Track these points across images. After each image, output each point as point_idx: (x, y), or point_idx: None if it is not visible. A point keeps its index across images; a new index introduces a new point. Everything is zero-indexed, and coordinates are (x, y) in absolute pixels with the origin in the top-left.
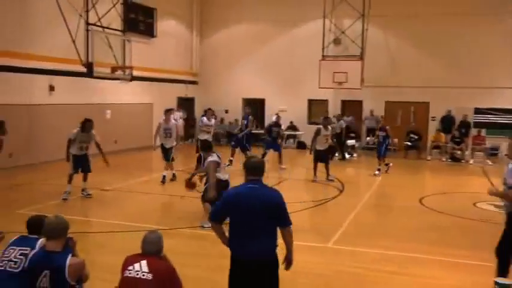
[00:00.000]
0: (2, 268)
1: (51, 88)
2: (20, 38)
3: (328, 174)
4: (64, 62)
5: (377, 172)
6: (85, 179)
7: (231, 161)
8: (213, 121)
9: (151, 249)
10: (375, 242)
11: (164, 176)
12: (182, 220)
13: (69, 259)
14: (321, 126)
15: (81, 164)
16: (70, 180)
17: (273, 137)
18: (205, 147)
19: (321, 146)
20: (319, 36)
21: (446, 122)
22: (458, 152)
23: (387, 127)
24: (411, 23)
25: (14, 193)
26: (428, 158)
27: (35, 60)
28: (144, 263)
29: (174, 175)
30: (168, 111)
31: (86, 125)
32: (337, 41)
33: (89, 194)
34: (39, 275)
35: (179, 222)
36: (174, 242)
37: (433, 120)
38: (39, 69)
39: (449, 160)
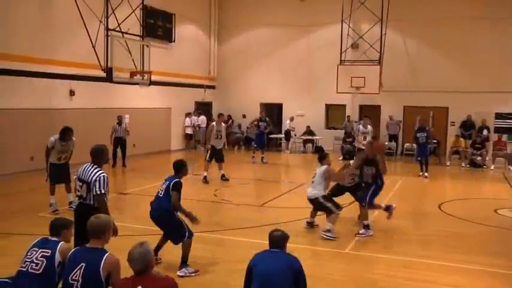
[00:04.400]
0: (25, 270)
1: (72, 93)
2: (42, 44)
3: None
4: (84, 67)
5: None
6: (68, 190)
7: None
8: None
9: (140, 267)
10: (393, 248)
11: (206, 177)
12: (199, 224)
13: (107, 254)
14: None
15: (58, 173)
16: (52, 192)
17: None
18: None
19: None
20: (337, 40)
21: (466, 127)
22: (479, 158)
23: (427, 128)
24: (430, 27)
25: (35, 196)
26: (448, 163)
27: (56, 65)
28: None
29: (224, 175)
30: (220, 115)
31: (66, 134)
32: (355, 46)
33: (72, 208)
34: (74, 267)
35: (196, 226)
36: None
37: (453, 125)
38: (60, 74)
39: (469, 166)
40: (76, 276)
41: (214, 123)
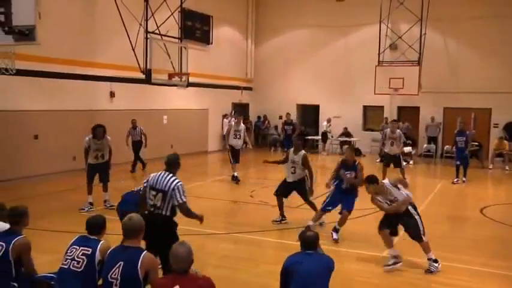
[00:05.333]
0: (66, 267)
1: (112, 94)
2: (85, 47)
3: None
4: (124, 69)
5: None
6: (105, 189)
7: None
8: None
9: (185, 266)
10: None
11: (236, 176)
12: (235, 225)
13: (144, 253)
14: None
15: (97, 173)
16: (90, 191)
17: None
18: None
19: None
20: (375, 41)
21: (511, 129)
22: None
23: (468, 132)
24: (471, 25)
25: (76, 195)
26: (490, 166)
27: (97, 68)
28: None
29: (237, 177)
30: (239, 115)
31: (97, 131)
32: (393, 46)
33: (112, 206)
34: (113, 266)
35: (232, 226)
36: (226, 247)
37: (496, 127)
38: (101, 77)
39: None
40: (115, 275)
41: (232, 122)
